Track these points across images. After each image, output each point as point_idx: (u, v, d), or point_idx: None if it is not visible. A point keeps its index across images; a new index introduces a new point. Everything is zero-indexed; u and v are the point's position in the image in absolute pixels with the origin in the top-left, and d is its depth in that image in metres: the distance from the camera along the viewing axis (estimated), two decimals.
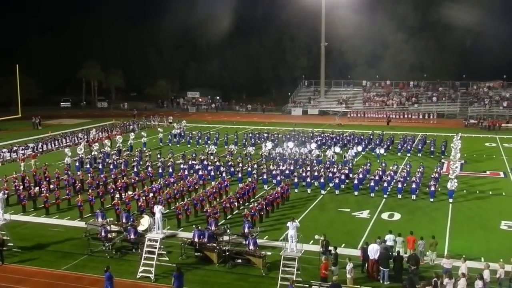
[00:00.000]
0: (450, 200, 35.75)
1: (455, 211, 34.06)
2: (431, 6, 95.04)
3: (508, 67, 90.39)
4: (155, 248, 24.95)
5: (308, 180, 39.04)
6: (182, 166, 43.22)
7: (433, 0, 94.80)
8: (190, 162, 44.68)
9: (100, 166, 45.26)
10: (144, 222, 28.64)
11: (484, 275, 21.42)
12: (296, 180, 39.20)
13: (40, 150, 55.81)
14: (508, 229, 30.75)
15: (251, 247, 25.56)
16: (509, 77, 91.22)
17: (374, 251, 23.96)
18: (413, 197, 36.57)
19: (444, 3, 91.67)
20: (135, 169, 43.23)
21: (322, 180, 38.82)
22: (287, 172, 41.40)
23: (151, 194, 34.76)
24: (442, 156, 51.09)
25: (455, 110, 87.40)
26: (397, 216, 33.18)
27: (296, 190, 38.52)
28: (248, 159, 46.75)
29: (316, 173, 40.49)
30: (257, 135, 60.83)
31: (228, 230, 27.87)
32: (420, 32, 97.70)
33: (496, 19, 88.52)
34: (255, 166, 42.82)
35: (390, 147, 55.36)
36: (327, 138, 58.20)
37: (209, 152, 50.61)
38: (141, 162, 46.29)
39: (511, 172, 45.13)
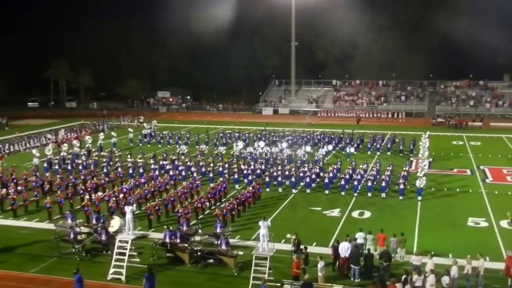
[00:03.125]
0: (419, 198, 36.30)
1: (424, 208, 34.61)
2: (399, 7, 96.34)
3: (474, 66, 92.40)
4: (126, 249, 24.71)
5: (279, 179, 39.16)
6: (153, 166, 42.98)
7: (401, 1, 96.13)
8: (160, 162, 44.39)
9: (69, 167, 44.64)
10: (115, 223, 28.34)
11: (452, 271, 21.83)
12: (267, 179, 39.33)
13: (7, 151, 54.76)
14: (475, 225, 31.38)
15: (223, 247, 25.55)
16: (475, 77, 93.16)
17: (345, 249, 24.20)
18: (383, 195, 37.02)
19: (412, 3, 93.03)
20: (105, 170, 42.77)
21: (293, 179, 39.01)
22: (258, 171, 41.52)
23: (121, 195, 34.37)
24: (411, 155, 51.80)
25: (423, 109, 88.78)
26: (367, 214, 33.55)
27: (267, 190, 38.63)
28: (219, 158, 46.69)
29: (287, 172, 40.64)
30: (228, 135, 60.81)
31: (200, 230, 27.80)
32: (388, 32, 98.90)
33: (462, 20, 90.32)
34: (226, 165, 42.76)
35: (360, 146, 55.97)
36: (298, 137, 58.45)
37: (180, 152, 50.43)
38: (111, 163, 45.80)
39: (478, 170, 46.05)
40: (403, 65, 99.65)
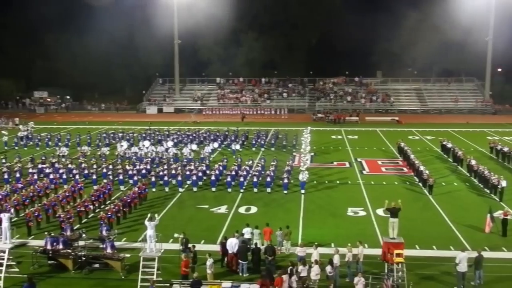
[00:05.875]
0: (302, 191, 37.58)
1: (307, 201, 35.89)
2: (278, 6, 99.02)
3: (350, 63, 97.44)
4: (3, 259, 23.45)
5: (166, 178, 38.85)
6: (31, 170, 40.88)
7: (280, 0, 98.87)
8: (39, 166, 42.38)
9: None
10: None
11: (334, 260, 22.87)
12: (153, 179, 38.83)
13: None
14: (354, 215, 33.08)
15: (109, 250, 24.92)
16: (351, 74, 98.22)
17: (232, 245, 24.53)
18: (268, 190, 37.89)
19: (290, 3, 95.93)
20: None
21: (179, 178, 38.83)
22: (143, 171, 40.92)
23: None
24: (294, 150, 53.46)
25: (304, 105, 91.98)
26: (254, 209, 34.18)
27: (153, 190, 38.16)
28: (103, 160, 45.49)
29: (173, 171, 40.40)
30: (112, 135, 59.29)
31: (84, 235, 26.88)
32: (270, 30, 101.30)
33: (339, 19, 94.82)
34: (111, 166, 41.74)
35: (245, 143, 56.86)
36: (183, 135, 58.27)
37: (60, 154, 48.64)
38: None
39: (356, 162, 48.54)
40: (285, 62, 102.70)
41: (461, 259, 22.67)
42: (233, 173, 39.78)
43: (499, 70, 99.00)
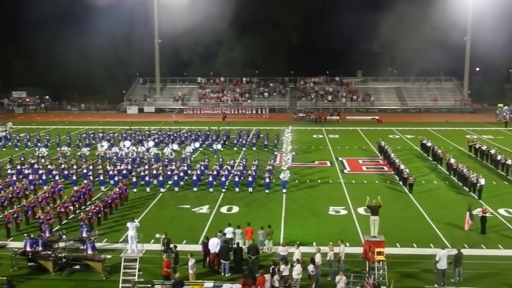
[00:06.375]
0: (284, 191, 37.65)
1: (289, 200, 35.97)
2: (259, 5, 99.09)
3: (330, 63, 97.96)
4: None
5: (147, 179, 38.65)
6: (9, 171, 40.39)
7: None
8: (18, 167, 41.90)
9: None
10: None
11: (315, 258, 22.96)
12: (134, 179, 38.61)
13: None
14: (336, 214, 33.23)
15: (89, 251, 24.73)
16: (331, 73, 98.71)
17: (214, 245, 24.50)
18: (250, 189, 37.92)
19: (271, 2, 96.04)
20: None
21: (161, 178, 38.67)
22: (124, 172, 40.66)
23: None
24: (275, 149, 53.54)
25: (285, 104, 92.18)
26: (235, 209, 34.17)
27: (134, 190, 37.94)
28: (83, 160, 45.11)
29: (154, 171, 40.22)
30: (92, 135, 58.80)
31: (64, 236, 26.62)
32: (251, 30, 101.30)
33: (319, 18, 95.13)
34: (91, 167, 41.40)
35: (227, 142, 56.79)
36: (164, 135, 58.04)
37: (40, 155, 48.15)
38: None
39: (337, 161, 48.77)
40: (266, 62, 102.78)
41: (441, 256, 22.90)
42: (215, 173, 39.71)
43: (477, 69, 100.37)
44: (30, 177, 38.48)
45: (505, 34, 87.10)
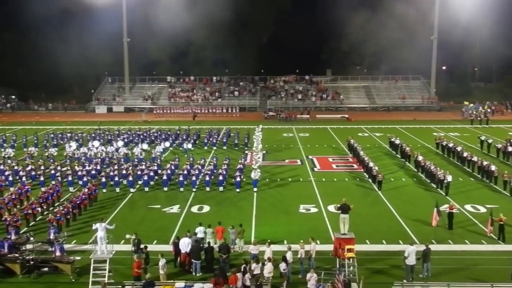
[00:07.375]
0: (255, 189, 37.70)
1: (260, 199, 36.05)
2: (228, 4, 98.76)
3: (300, 62, 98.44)
4: None
5: (116, 179, 38.28)
6: None
7: None
8: None
9: None
10: None
11: (287, 256, 23.08)
12: (103, 179, 38.22)
13: None
14: (306, 212, 33.43)
15: (58, 253, 24.40)
16: (301, 72, 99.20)
17: (185, 244, 24.42)
18: (221, 188, 37.90)
19: (241, 1, 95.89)
20: None
21: (130, 178, 38.39)
22: (93, 172, 40.24)
23: None
24: (246, 148, 53.60)
25: (255, 103, 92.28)
26: (206, 208, 34.10)
27: (104, 190, 37.57)
28: (51, 161, 44.45)
29: (124, 171, 39.91)
30: (60, 135, 57.91)
31: (32, 238, 26.17)
32: (220, 29, 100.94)
33: (288, 16, 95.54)
34: (59, 168, 40.81)
35: (197, 142, 56.63)
36: (134, 135, 57.54)
37: (6, 156, 47.33)
38: None
39: (307, 159, 49.06)
40: (236, 61, 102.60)
41: (409, 252, 23.24)
42: (185, 172, 39.54)
43: (444, 68, 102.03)
44: None
45: (471, 33, 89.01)
